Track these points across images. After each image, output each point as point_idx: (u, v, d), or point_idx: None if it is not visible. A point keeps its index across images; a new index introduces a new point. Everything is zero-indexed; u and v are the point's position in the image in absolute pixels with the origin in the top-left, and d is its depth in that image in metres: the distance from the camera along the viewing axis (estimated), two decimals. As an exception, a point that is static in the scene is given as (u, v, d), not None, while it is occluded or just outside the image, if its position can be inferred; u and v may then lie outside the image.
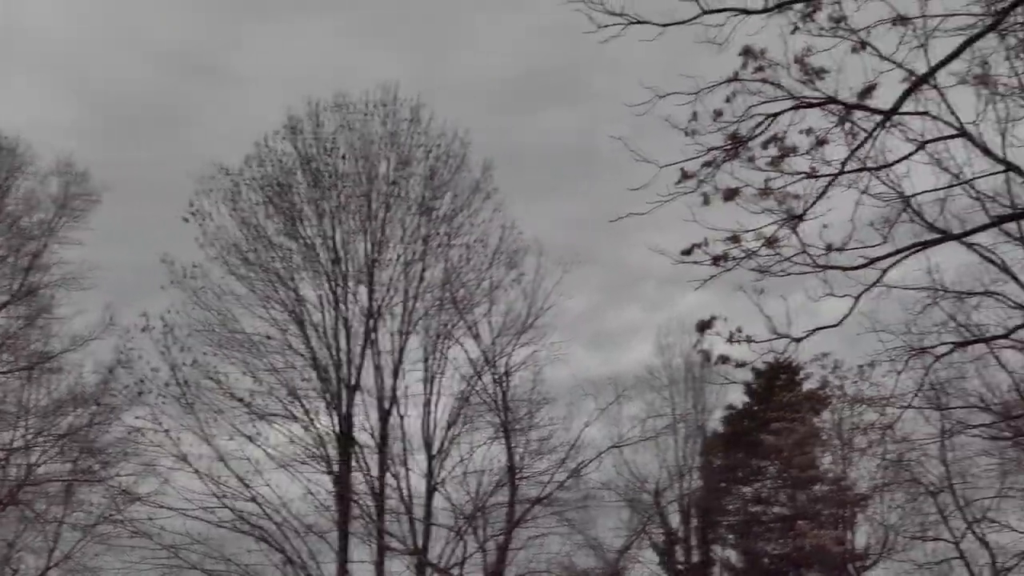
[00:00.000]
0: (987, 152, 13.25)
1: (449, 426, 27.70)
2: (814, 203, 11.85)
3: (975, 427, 24.66)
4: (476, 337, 28.35)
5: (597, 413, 29.65)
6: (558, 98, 53.97)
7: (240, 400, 25.56)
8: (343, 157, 27.55)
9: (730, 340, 12.38)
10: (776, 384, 36.44)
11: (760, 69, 11.76)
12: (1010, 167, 13.35)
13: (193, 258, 26.37)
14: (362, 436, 26.66)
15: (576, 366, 57.27)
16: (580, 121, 51.22)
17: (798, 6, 11.28)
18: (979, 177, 14.59)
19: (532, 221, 48.24)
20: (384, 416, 26.96)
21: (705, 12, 10.85)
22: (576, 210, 46.33)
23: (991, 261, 22.10)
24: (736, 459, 43.62)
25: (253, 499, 25.06)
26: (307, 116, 27.81)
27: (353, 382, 26.86)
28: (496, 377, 28.41)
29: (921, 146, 12.80)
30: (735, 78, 11.59)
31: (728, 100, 11.77)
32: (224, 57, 58.99)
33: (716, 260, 12.11)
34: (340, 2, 56.15)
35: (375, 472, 26.49)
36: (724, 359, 12.58)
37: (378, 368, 27.20)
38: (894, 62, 11.59)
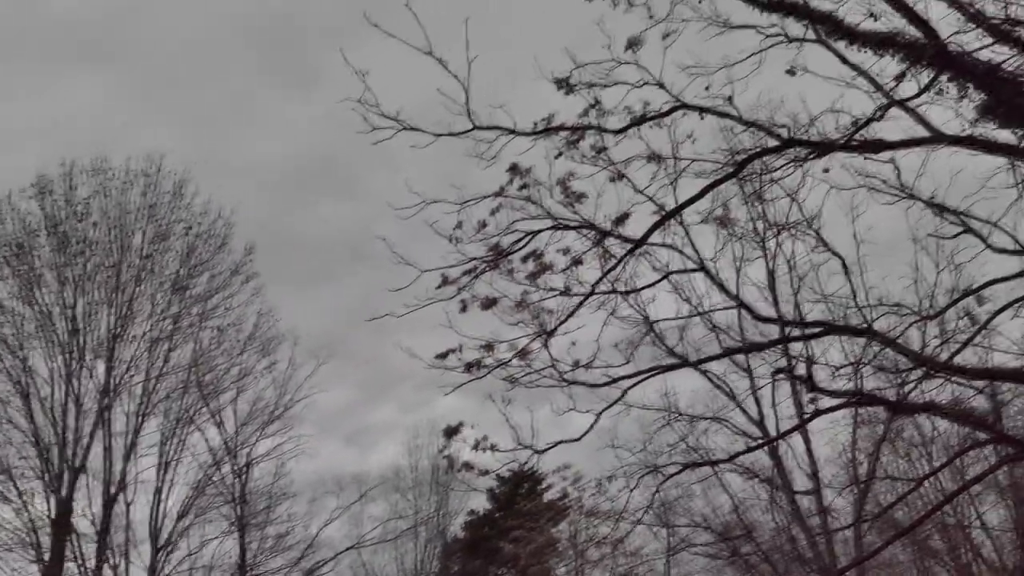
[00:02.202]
0: (722, 288, 14.31)
1: (180, 517, 26.12)
2: (565, 320, 12.35)
3: (697, 545, 25.95)
4: (219, 424, 27.23)
5: (339, 511, 29.00)
6: (338, 189, 53.81)
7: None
8: (95, 224, 26.09)
9: (476, 447, 12.54)
10: (519, 492, 36.99)
11: (525, 187, 12.26)
12: (741, 304, 14.47)
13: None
14: (82, 523, 24.65)
15: (327, 462, 56.09)
16: (357, 213, 51.23)
17: (563, 132, 11.90)
18: (715, 310, 15.75)
19: (301, 309, 47.34)
20: (109, 502, 25.07)
21: (476, 128, 11.24)
22: (346, 303, 45.92)
23: (721, 389, 23.79)
24: (475, 566, 43.57)
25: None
26: (60, 177, 26.26)
27: (78, 463, 24.92)
28: (236, 468, 27.26)
29: (665, 276, 13.70)
30: (500, 193, 12.02)
31: (493, 213, 12.18)
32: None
33: (469, 367, 12.30)
34: (119, 55, 53.47)
35: (92, 564, 24.47)
36: (468, 466, 12.70)
37: (108, 450, 25.39)
38: (646, 195, 12.42)
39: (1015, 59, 11.59)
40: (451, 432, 12.52)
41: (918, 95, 11.74)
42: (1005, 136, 11.64)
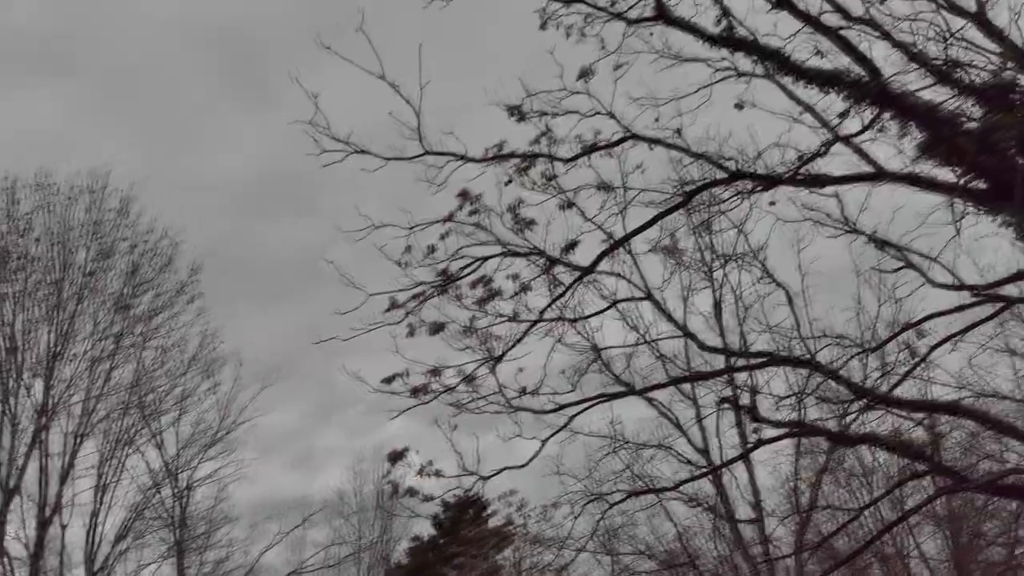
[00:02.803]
0: (669, 317, 14.45)
1: (117, 540, 25.60)
2: (513, 346, 12.34)
3: (641, 573, 25.95)
4: (160, 446, 26.77)
5: (280, 537, 28.62)
6: (295, 207, 53.15)
7: None
8: (37, 240, 25.62)
9: (420, 473, 12.45)
10: (463, 519, 36.74)
11: (475, 212, 12.27)
12: (688, 333, 14.60)
13: None
14: (14, 546, 24.03)
15: (270, 486, 55.21)
16: (313, 232, 50.82)
17: (514, 160, 11.96)
18: (662, 339, 15.87)
19: (252, 329, 46.56)
20: (43, 525, 24.49)
21: (427, 153, 11.27)
22: (297, 323, 45.37)
23: (667, 417, 23.92)
24: (417, 592, 43.12)
25: None
26: (2, 191, 25.76)
27: (12, 484, 24.32)
28: (176, 491, 26.79)
29: (613, 304, 13.79)
30: (450, 218, 12.01)
31: (442, 238, 12.17)
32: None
33: (415, 392, 12.24)
34: (72, 67, 52.45)
35: (24, 588, 23.85)
36: (412, 492, 12.60)
37: (44, 471, 24.82)
38: (595, 224, 12.51)
39: (954, 99, 11.91)
40: (395, 457, 12.42)
41: (862, 132, 12.01)
42: (944, 174, 11.94)
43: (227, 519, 27.58)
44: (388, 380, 12.15)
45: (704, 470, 22.22)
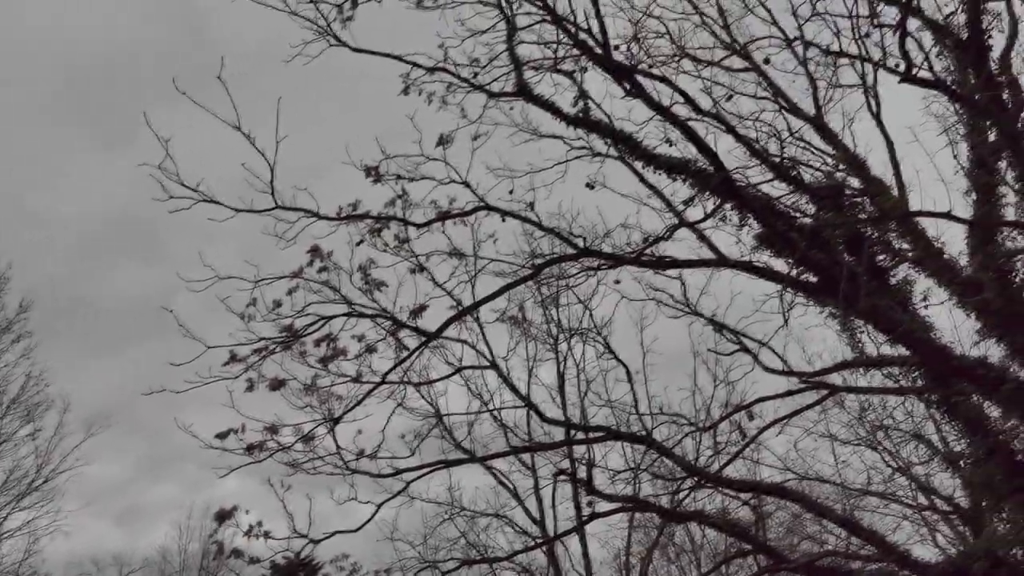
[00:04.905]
0: (513, 388, 14.57)
1: (-89, 595, 23.68)
2: (353, 407, 12.16)
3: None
4: (-32, 494, 24.97)
5: (92, 595, 27.03)
6: (141, 252, 51.05)
7: None
8: None
9: (248, 534, 12.03)
10: (292, 582, 35.60)
11: (324, 270, 12.13)
12: (530, 404, 14.73)
13: None
14: None
15: (92, 541, 52.16)
16: (159, 278, 48.88)
17: (368, 220, 11.94)
18: (504, 408, 15.96)
19: (86, 374, 44.22)
20: None
21: (279, 207, 11.12)
22: (135, 371, 43.32)
23: (505, 486, 23.96)
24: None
25: None
26: None
27: None
28: (-19, 543, 25.01)
29: (458, 370, 13.84)
30: (298, 274, 11.84)
31: (289, 293, 11.95)
32: None
33: (250, 449, 11.87)
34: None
35: None
36: (237, 553, 12.15)
37: None
38: (445, 290, 12.58)
39: (790, 195, 12.63)
40: (223, 516, 11.95)
41: (704, 219, 12.56)
42: (779, 265, 12.58)
43: (36, 575, 25.86)
44: (222, 435, 11.73)
45: (539, 541, 22.29)
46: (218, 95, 10.61)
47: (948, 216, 11.75)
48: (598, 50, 11.89)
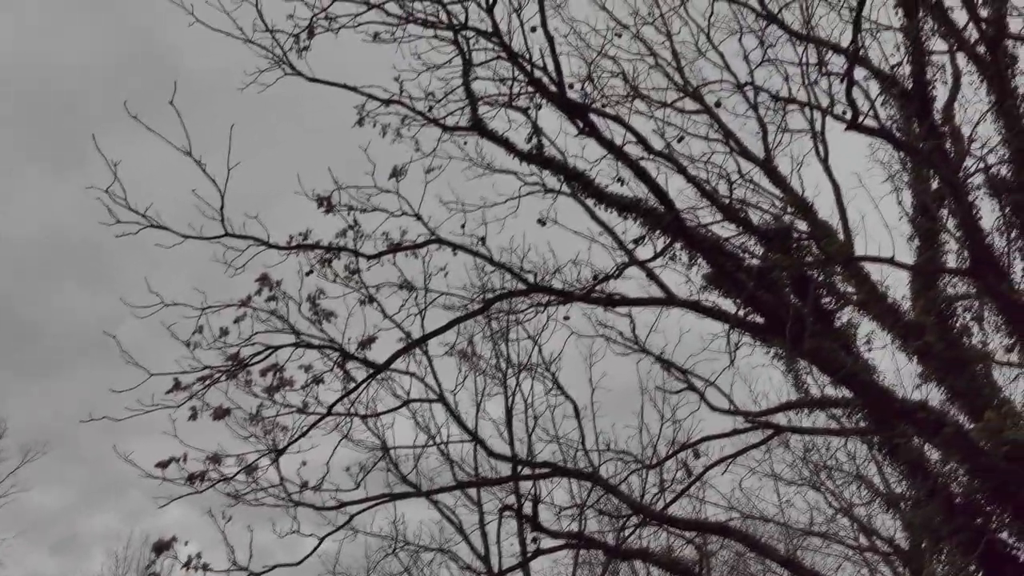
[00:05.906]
0: (460, 422, 14.53)
1: None
2: (298, 438, 12.00)
3: None
4: None
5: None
6: (87, 275, 50.12)
7: None
8: None
9: (187, 566, 11.79)
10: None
11: (273, 299, 12.01)
12: (477, 438, 14.70)
13: None
14: None
15: (26, 569, 50.65)
16: (104, 303, 47.97)
17: (318, 250, 11.88)
18: (451, 442, 15.90)
19: (25, 399, 43.23)
20: None
21: (228, 235, 11.03)
22: (77, 396, 42.32)
23: (450, 521, 23.79)
24: None
25: None
26: None
27: None
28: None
29: (405, 403, 13.76)
30: (246, 302, 11.71)
31: (236, 321, 11.81)
32: None
33: (191, 479, 11.67)
34: None
35: None
36: (172, 585, 11.91)
37: None
38: (394, 322, 12.50)
39: (739, 236, 12.81)
40: (161, 548, 11.68)
41: (654, 258, 12.70)
42: (727, 304, 12.73)
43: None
44: (163, 464, 11.52)
45: (483, 577, 22.13)
46: (170, 121, 10.53)
47: (891, 261, 12.03)
48: (553, 88, 12.01)
